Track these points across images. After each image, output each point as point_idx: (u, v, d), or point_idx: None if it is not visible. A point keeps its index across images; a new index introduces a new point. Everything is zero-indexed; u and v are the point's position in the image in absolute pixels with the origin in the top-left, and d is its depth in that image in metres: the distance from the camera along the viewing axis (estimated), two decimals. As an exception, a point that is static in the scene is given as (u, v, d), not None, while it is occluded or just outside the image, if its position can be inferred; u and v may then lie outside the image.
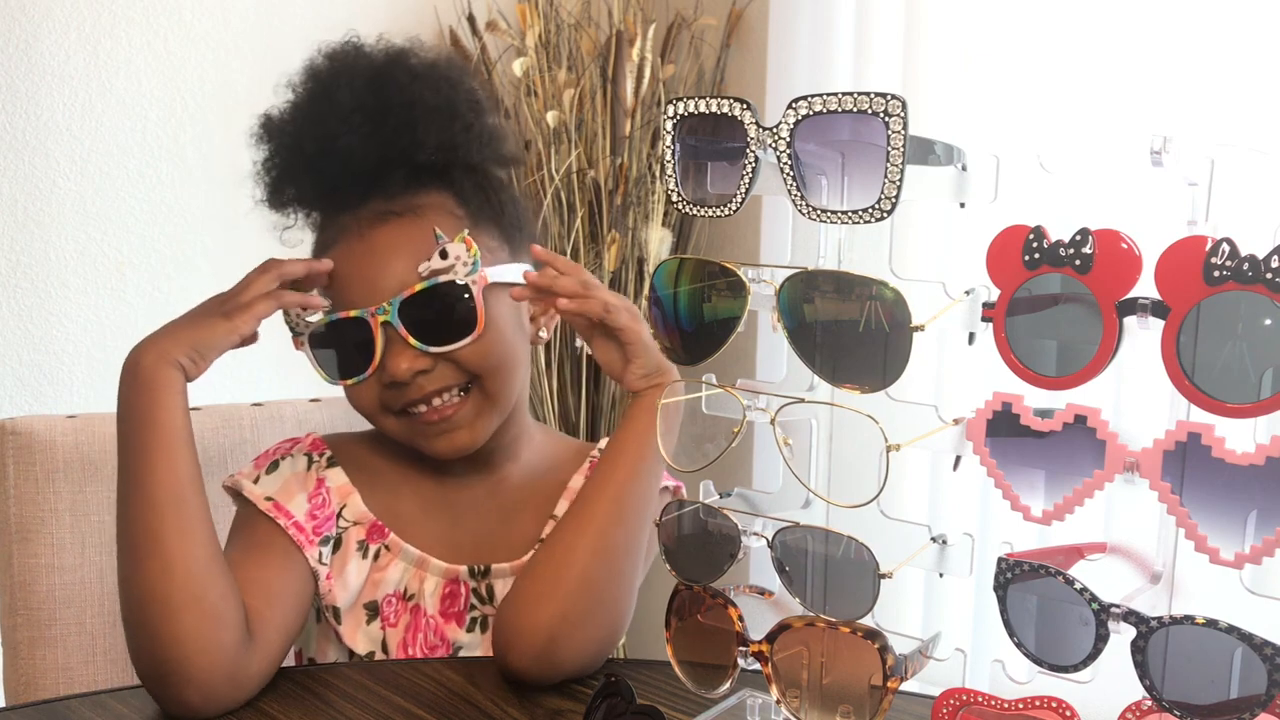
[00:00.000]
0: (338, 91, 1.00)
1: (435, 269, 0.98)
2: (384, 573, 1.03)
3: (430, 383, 0.99)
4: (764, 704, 0.81)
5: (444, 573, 1.04)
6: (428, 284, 0.98)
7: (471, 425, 1.01)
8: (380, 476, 1.06)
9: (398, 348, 0.98)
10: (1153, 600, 0.65)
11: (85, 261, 1.84)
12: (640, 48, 2.01)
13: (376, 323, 0.97)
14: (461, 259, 0.99)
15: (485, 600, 1.04)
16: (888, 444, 0.67)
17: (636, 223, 2.02)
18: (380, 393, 1.00)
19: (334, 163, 1.00)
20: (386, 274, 0.98)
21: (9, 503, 1.18)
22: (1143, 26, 1.45)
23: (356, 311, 0.98)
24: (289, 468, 1.04)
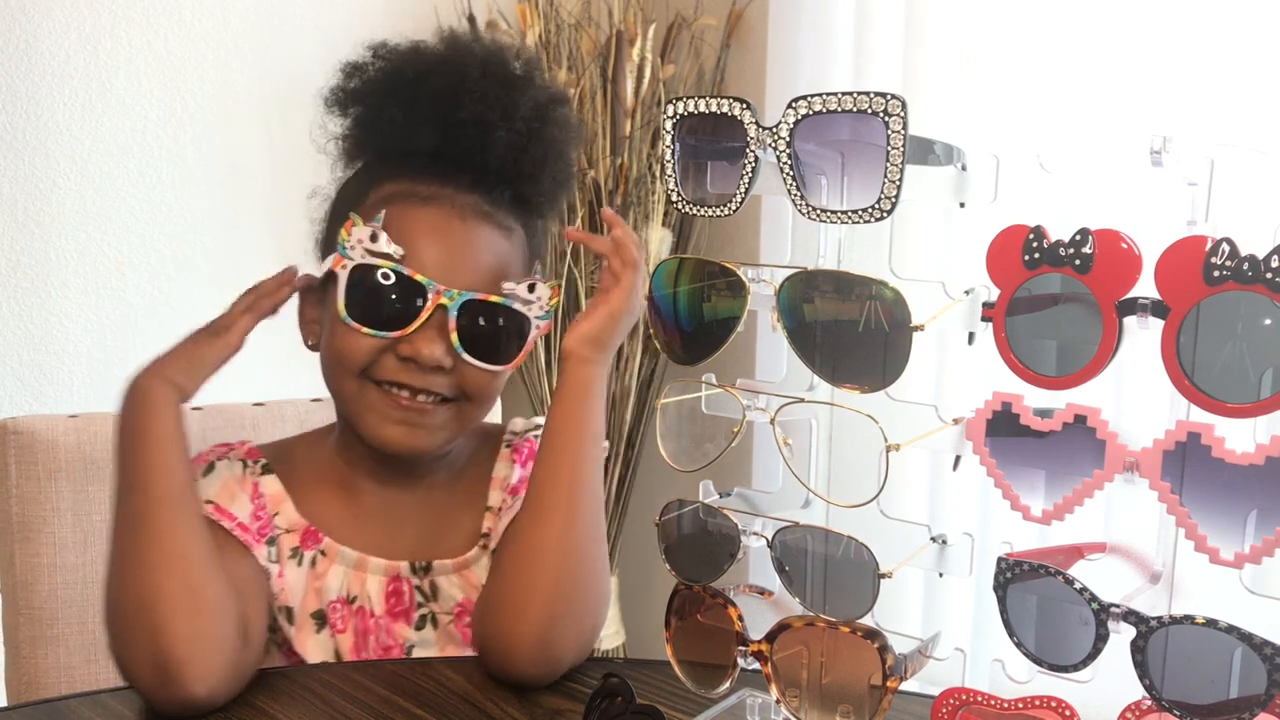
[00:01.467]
0: (518, 93, 1.01)
1: (518, 294, 0.98)
2: (324, 579, 1.02)
3: (433, 381, 0.98)
4: (764, 704, 0.81)
5: (385, 570, 1.03)
6: (503, 301, 0.98)
7: (434, 432, 1.00)
8: (314, 483, 1.05)
9: (436, 333, 0.96)
10: (1152, 600, 0.65)
11: (85, 261, 1.85)
12: (640, 48, 2.01)
13: (435, 301, 0.96)
14: (542, 302, 1.00)
15: (430, 597, 1.04)
16: (887, 444, 0.67)
17: (637, 223, 2.02)
18: (381, 356, 0.97)
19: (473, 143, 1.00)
20: (472, 266, 0.98)
21: (11, 502, 1.18)
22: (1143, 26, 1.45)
23: (424, 279, 0.96)
24: (225, 470, 1.03)
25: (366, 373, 0.98)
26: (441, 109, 1.00)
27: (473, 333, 0.97)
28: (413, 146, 1.02)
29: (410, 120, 1.01)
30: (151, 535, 0.89)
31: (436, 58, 1.03)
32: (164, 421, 0.93)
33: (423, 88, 1.01)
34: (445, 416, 1.00)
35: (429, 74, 1.01)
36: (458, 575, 1.04)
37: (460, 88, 1.00)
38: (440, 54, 1.04)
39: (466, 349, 0.97)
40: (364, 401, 0.99)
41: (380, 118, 1.02)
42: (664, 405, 0.80)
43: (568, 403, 0.98)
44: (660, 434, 0.80)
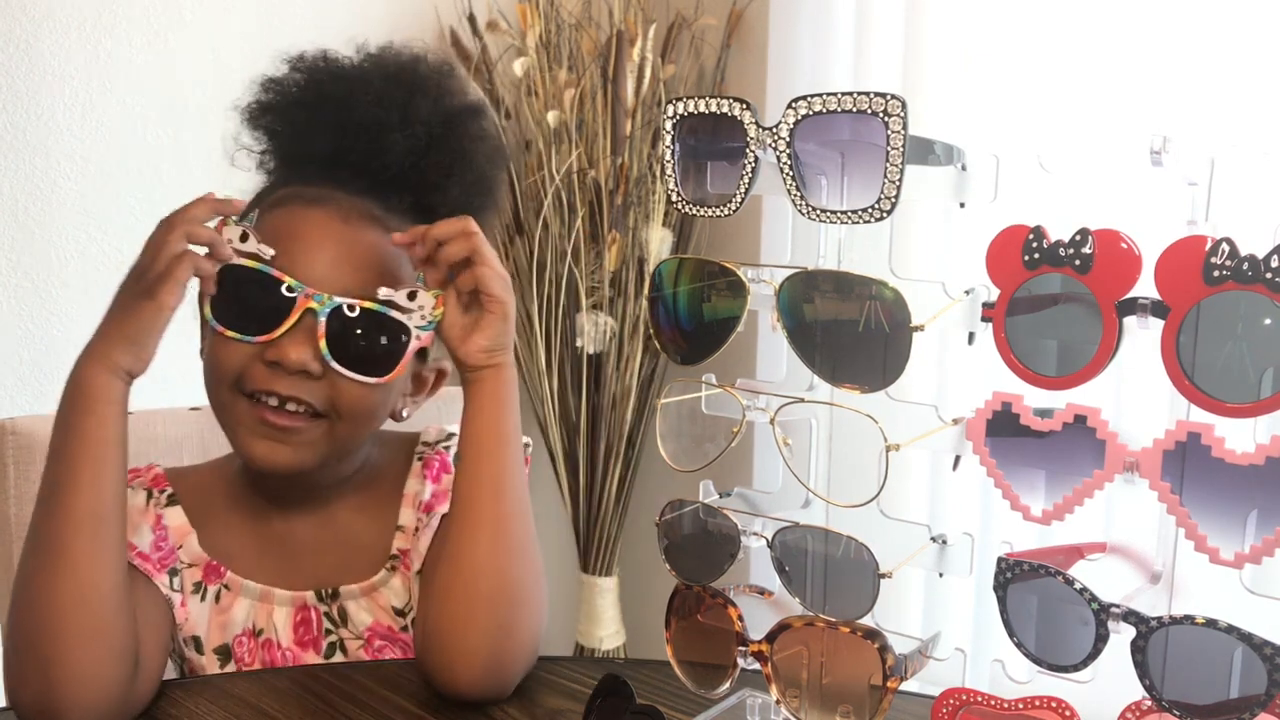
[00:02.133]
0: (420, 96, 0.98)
1: (395, 301, 0.92)
2: (228, 614, 1.00)
3: (302, 389, 0.92)
4: (764, 704, 0.81)
5: (291, 600, 1.01)
6: (378, 308, 0.92)
7: (299, 449, 0.94)
8: (217, 515, 1.02)
9: (304, 337, 0.91)
10: (1153, 600, 0.65)
11: (85, 261, 1.84)
12: (640, 48, 2.01)
13: (303, 304, 0.90)
14: (424, 311, 0.93)
15: (339, 624, 1.02)
16: (887, 444, 0.67)
17: (637, 223, 2.02)
18: (250, 365, 0.92)
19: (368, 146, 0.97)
20: (347, 270, 0.93)
21: (9, 503, 1.18)
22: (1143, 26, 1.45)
23: (292, 280, 0.90)
24: (130, 500, 0.96)
25: (239, 384, 0.93)
26: (339, 113, 0.97)
27: (343, 340, 0.91)
28: (310, 150, 0.99)
29: (309, 124, 0.98)
30: (65, 564, 0.84)
31: (344, 65, 1.00)
32: (101, 419, 0.86)
33: (323, 93, 0.98)
34: (315, 434, 0.95)
35: (331, 80, 0.99)
36: (366, 599, 1.02)
37: (358, 91, 0.97)
38: (350, 63, 1.01)
39: (336, 357, 0.91)
40: (234, 414, 0.95)
41: (285, 127, 1.00)
42: (664, 405, 0.79)
43: (484, 411, 0.93)
44: (660, 434, 0.80)
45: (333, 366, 0.92)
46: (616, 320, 2.03)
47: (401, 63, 1.01)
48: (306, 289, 0.91)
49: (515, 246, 2.05)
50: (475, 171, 1.01)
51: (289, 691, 0.92)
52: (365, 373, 0.93)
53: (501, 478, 0.93)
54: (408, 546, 1.03)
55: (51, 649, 0.84)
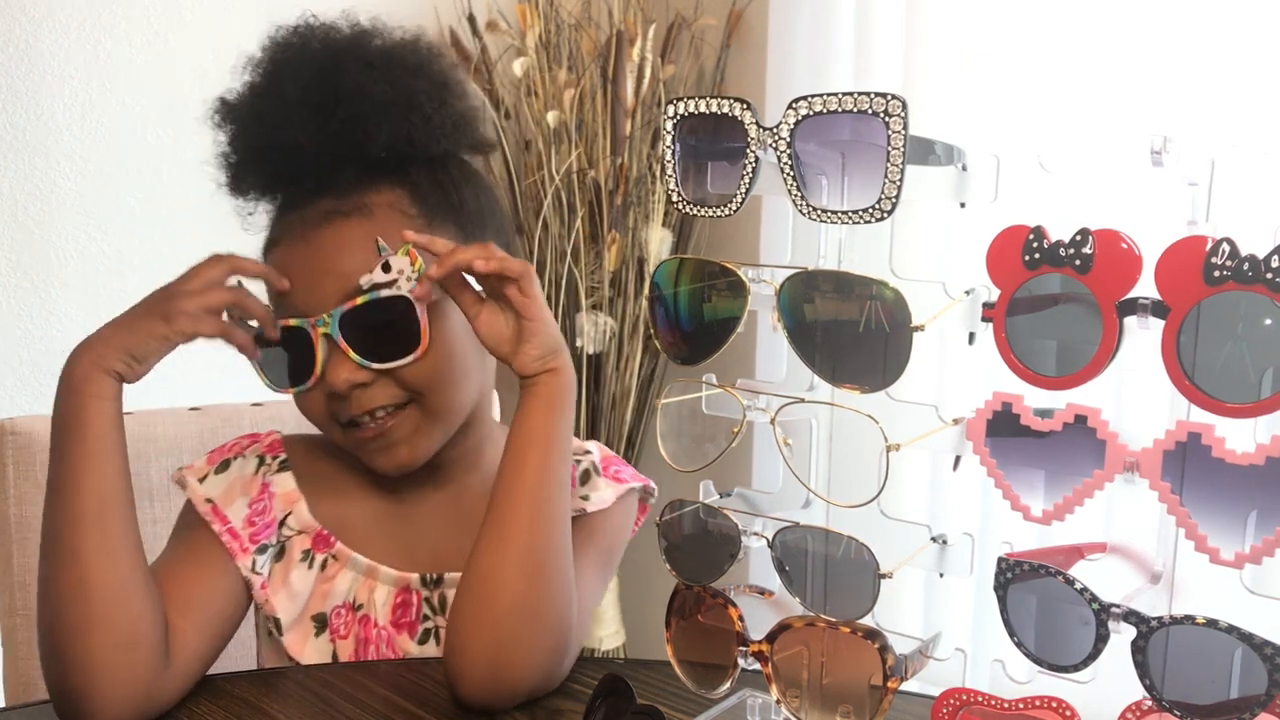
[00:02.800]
0: (285, 82, 0.95)
1: (377, 282, 0.93)
2: (331, 583, 1.00)
3: (370, 398, 0.95)
4: (764, 704, 0.81)
5: (395, 581, 1.01)
6: (369, 297, 0.93)
7: (410, 441, 0.97)
8: (332, 483, 1.03)
9: (338, 359, 0.94)
10: (1153, 600, 0.65)
11: (85, 261, 1.84)
12: (640, 48, 2.01)
13: (317, 334, 0.93)
14: (405, 273, 0.93)
15: (438, 610, 1.01)
16: (888, 444, 0.67)
17: (637, 223, 2.02)
18: (326, 403, 0.96)
19: (281, 156, 0.96)
20: (328, 282, 0.94)
21: (9, 503, 1.18)
22: (1143, 26, 1.45)
23: (296, 320, 0.94)
24: (238, 469, 1.00)
25: (333, 419, 0.97)
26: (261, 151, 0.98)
27: (365, 341, 0.94)
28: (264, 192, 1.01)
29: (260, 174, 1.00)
30: (62, 558, 0.85)
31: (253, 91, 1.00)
32: (98, 416, 0.87)
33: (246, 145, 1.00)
34: (410, 422, 0.97)
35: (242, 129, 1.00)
36: None
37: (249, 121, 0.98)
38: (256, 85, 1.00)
39: (369, 357, 0.94)
40: (349, 445, 0.99)
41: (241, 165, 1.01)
42: (664, 405, 0.79)
43: (535, 414, 0.93)
44: (660, 434, 0.79)
45: (374, 368, 0.94)
46: (616, 320, 2.03)
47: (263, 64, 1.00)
48: (309, 320, 0.94)
49: (515, 246, 2.05)
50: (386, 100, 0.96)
51: (289, 691, 0.92)
52: (401, 354, 0.94)
53: (540, 487, 0.92)
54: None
55: (56, 640, 0.85)
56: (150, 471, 1.24)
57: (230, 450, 1.03)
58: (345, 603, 1.00)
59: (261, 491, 1.00)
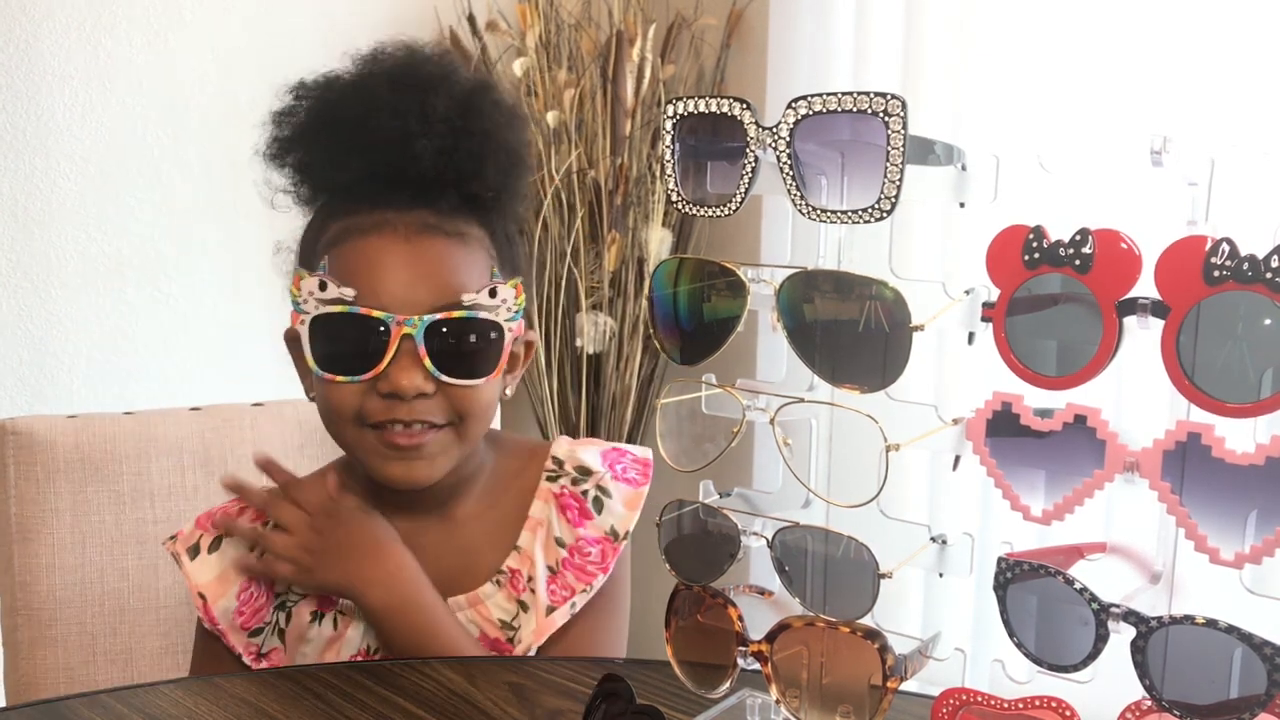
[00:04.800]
0: (432, 94, 0.97)
1: (481, 303, 0.95)
2: (344, 637, 1.01)
3: (424, 409, 0.95)
4: (764, 704, 0.81)
5: None
6: (467, 314, 0.95)
7: (434, 460, 0.98)
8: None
9: (409, 363, 0.94)
10: (1153, 600, 0.65)
11: (85, 261, 1.84)
12: (640, 48, 2.01)
13: (398, 332, 0.93)
14: (509, 304, 0.97)
15: None
16: (887, 444, 0.67)
17: (636, 223, 2.02)
18: (366, 400, 0.96)
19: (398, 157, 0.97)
20: (424, 286, 0.95)
21: (9, 503, 1.18)
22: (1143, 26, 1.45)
23: (381, 313, 0.93)
24: (232, 550, 1.01)
25: (360, 419, 0.96)
26: (359, 134, 0.97)
27: (445, 353, 0.94)
28: (344, 179, 0.99)
29: (335, 154, 0.98)
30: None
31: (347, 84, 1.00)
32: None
33: (339, 118, 0.98)
34: (441, 441, 0.98)
35: (341, 103, 0.99)
36: (472, 610, 1.03)
37: (371, 107, 0.97)
38: (350, 79, 1.00)
39: (443, 370, 0.94)
40: (364, 446, 0.98)
41: (312, 159, 1.00)
42: (664, 405, 0.79)
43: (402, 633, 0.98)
44: (660, 434, 0.79)
45: (444, 381, 0.95)
46: (616, 320, 2.03)
47: (401, 64, 1.00)
48: (396, 317, 0.93)
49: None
50: (504, 148, 1.01)
51: (289, 691, 0.92)
52: (474, 376, 0.96)
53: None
54: (519, 568, 1.03)
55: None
56: (150, 472, 1.24)
57: (221, 523, 1.02)
58: (360, 650, 1.01)
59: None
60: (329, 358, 0.96)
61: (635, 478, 1.10)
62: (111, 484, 1.22)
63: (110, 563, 1.21)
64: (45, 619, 1.18)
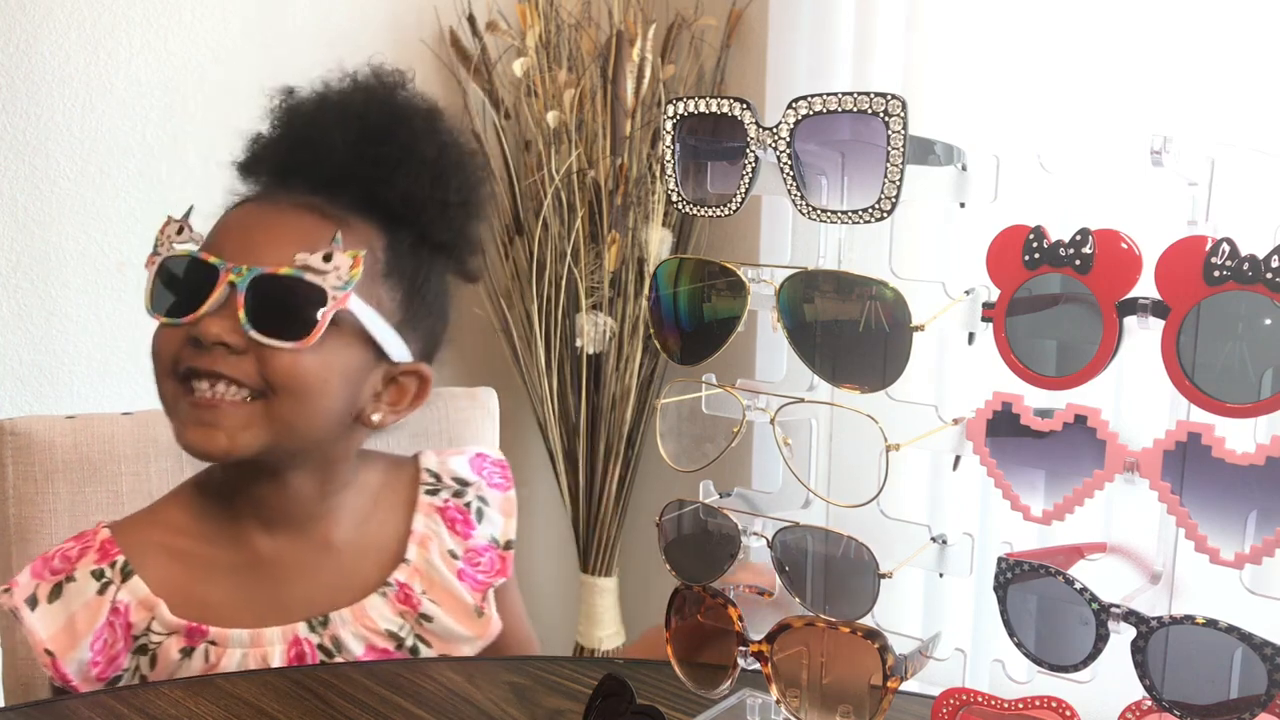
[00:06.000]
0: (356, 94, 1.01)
1: (310, 265, 0.93)
2: (218, 666, 0.98)
3: (226, 364, 0.92)
4: (764, 704, 0.81)
5: (283, 637, 0.99)
6: (292, 272, 0.92)
7: (234, 434, 0.93)
8: (186, 565, 0.99)
9: (224, 312, 0.92)
10: (1153, 600, 0.65)
11: (85, 261, 1.84)
12: (640, 48, 2.01)
13: (224, 278, 0.92)
14: (340, 271, 0.93)
15: (333, 653, 1.00)
16: (888, 444, 0.67)
17: (636, 223, 2.02)
18: (181, 347, 0.93)
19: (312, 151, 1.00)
20: (266, 244, 0.94)
21: (8, 503, 1.18)
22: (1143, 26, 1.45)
23: (215, 259, 0.93)
24: (77, 597, 0.95)
25: (175, 370, 0.94)
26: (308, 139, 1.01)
27: (261, 309, 0.92)
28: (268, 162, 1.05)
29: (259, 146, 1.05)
30: None
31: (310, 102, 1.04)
32: None
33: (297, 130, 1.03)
34: (246, 414, 0.93)
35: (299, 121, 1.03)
36: (356, 624, 1.01)
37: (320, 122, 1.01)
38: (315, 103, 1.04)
39: (255, 325, 0.91)
40: (173, 405, 0.96)
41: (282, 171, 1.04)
42: (664, 405, 0.79)
43: None
44: (660, 434, 0.79)
45: (251, 335, 0.92)
46: (616, 320, 2.02)
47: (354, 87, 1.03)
48: (227, 264, 0.93)
49: (515, 247, 2.05)
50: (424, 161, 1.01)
51: (289, 691, 0.92)
52: (281, 337, 0.92)
53: None
54: (409, 581, 1.03)
55: None
56: (150, 473, 1.24)
57: (58, 565, 0.98)
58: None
59: (111, 615, 0.96)
60: (161, 300, 0.96)
61: (501, 482, 1.12)
62: (110, 484, 1.22)
63: (110, 563, 1.21)
64: (45, 619, 1.18)
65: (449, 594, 1.05)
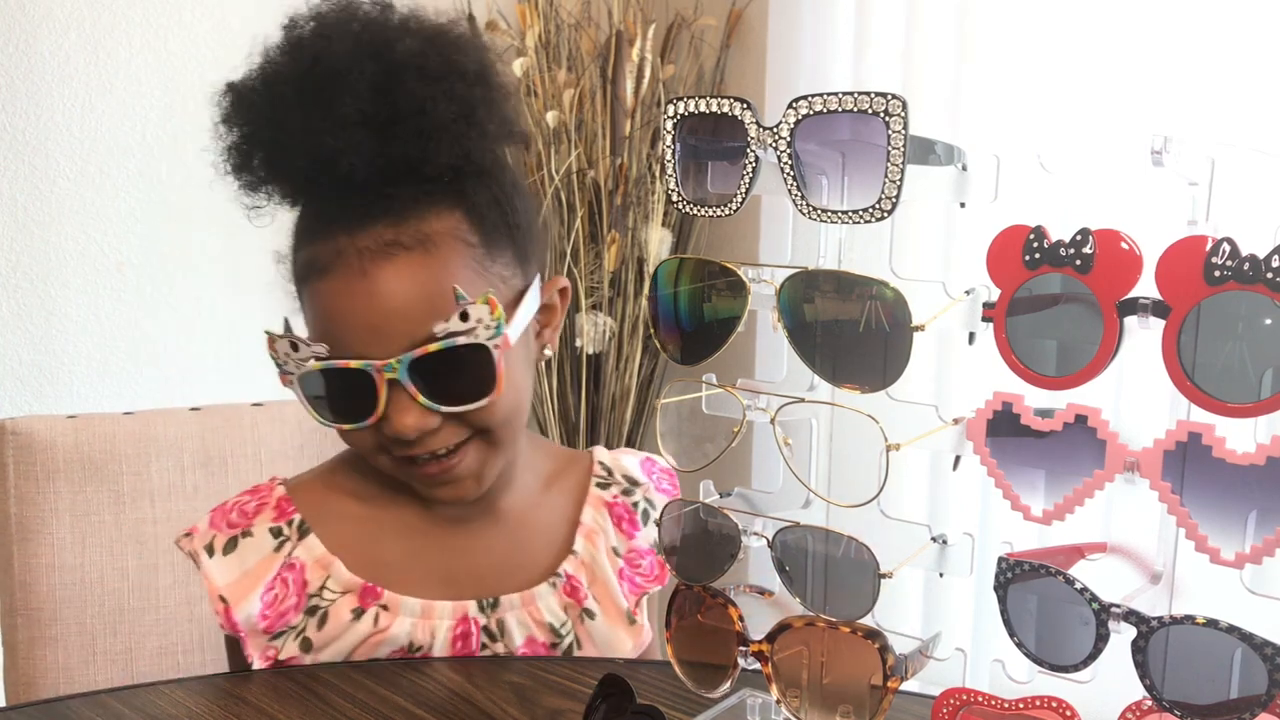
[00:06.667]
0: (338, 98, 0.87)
1: (454, 330, 0.88)
2: (386, 633, 0.97)
3: (436, 441, 0.92)
4: (764, 704, 0.81)
5: (452, 613, 0.98)
6: (444, 345, 0.88)
7: (477, 475, 0.96)
8: (361, 527, 0.99)
9: (404, 404, 0.89)
10: (1153, 600, 0.65)
11: (85, 261, 1.84)
12: (640, 48, 2.01)
13: (382, 378, 0.88)
14: (484, 322, 0.89)
15: (496, 637, 0.99)
16: (888, 444, 0.67)
17: (636, 223, 2.02)
18: (379, 440, 0.93)
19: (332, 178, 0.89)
20: (394, 324, 0.89)
21: (9, 502, 1.18)
22: (1143, 26, 1.45)
23: (359, 364, 0.89)
24: (253, 552, 0.96)
25: (385, 450, 0.94)
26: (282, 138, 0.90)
27: (436, 385, 0.90)
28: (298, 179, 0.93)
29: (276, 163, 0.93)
30: None
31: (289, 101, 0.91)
32: None
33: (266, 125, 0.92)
34: (476, 457, 0.95)
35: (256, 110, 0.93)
36: (524, 610, 1.00)
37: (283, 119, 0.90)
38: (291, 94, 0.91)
39: (441, 402, 0.90)
40: (404, 474, 0.96)
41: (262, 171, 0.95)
42: (664, 405, 0.79)
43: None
44: (660, 434, 0.79)
45: (444, 411, 0.91)
46: (616, 320, 2.03)
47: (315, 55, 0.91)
48: (375, 364, 0.88)
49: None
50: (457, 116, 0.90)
51: (289, 691, 0.92)
52: (477, 397, 0.91)
53: None
54: (576, 574, 1.02)
55: None
56: (150, 472, 1.24)
57: (235, 519, 0.98)
58: (400, 649, 0.98)
59: (284, 571, 0.96)
60: (327, 409, 0.93)
61: (668, 488, 1.10)
62: (111, 484, 1.22)
63: (110, 563, 1.21)
64: (45, 619, 1.18)
65: (608, 594, 1.03)
